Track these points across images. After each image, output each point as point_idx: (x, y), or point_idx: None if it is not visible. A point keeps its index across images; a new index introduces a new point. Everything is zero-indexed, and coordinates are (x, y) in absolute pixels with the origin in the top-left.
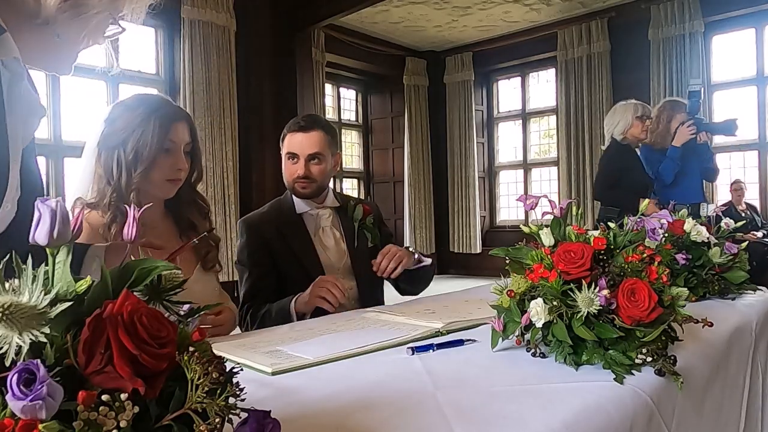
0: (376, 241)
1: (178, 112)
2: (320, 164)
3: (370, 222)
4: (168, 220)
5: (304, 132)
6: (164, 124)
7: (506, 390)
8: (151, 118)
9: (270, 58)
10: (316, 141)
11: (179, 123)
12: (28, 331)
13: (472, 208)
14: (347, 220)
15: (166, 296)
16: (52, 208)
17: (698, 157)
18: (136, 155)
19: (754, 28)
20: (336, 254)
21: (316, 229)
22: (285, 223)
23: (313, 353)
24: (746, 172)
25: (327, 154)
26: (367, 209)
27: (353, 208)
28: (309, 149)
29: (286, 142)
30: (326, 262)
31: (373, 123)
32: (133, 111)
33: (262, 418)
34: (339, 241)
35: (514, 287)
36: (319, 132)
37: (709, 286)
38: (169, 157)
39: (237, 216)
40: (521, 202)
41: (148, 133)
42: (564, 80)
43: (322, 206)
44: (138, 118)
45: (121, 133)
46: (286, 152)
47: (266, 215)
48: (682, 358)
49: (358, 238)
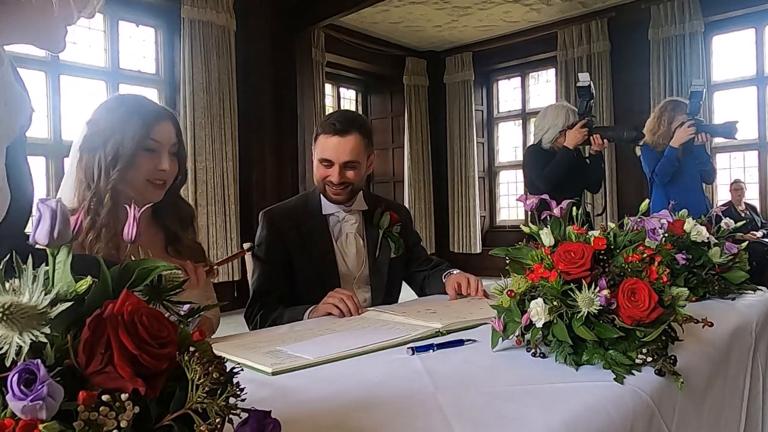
0: (399, 252)
1: (162, 111)
2: (356, 170)
3: (396, 231)
4: (153, 229)
5: (340, 136)
6: (146, 122)
7: (506, 390)
8: (132, 117)
9: (270, 58)
10: (353, 147)
11: (163, 122)
12: (28, 331)
13: (472, 208)
14: (372, 227)
15: (167, 296)
16: (52, 208)
17: (695, 158)
18: (115, 155)
19: (754, 28)
20: (355, 263)
21: (339, 234)
22: (308, 223)
23: (313, 353)
24: (746, 172)
25: (363, 158)
26: (395, 218)
27: (380, 215)
28: (345, 156)
29: (320, 146)
30: (343, 271)
31: (373, 123)
32: (113, 111)
33: (262, 418)
34: (361, 249)
35: (514, 287)
36: (356, 135)
37: (709, 286)
38: (151, 157)
39: (237, 216)
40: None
41: (128, 132)
42: (564, 80)
43: (349, 210)
44: (119, 118)
45: (102, 134)
46: (320, 158)
47: (291, 211)
48: (682, 358)
49: (381, 247)
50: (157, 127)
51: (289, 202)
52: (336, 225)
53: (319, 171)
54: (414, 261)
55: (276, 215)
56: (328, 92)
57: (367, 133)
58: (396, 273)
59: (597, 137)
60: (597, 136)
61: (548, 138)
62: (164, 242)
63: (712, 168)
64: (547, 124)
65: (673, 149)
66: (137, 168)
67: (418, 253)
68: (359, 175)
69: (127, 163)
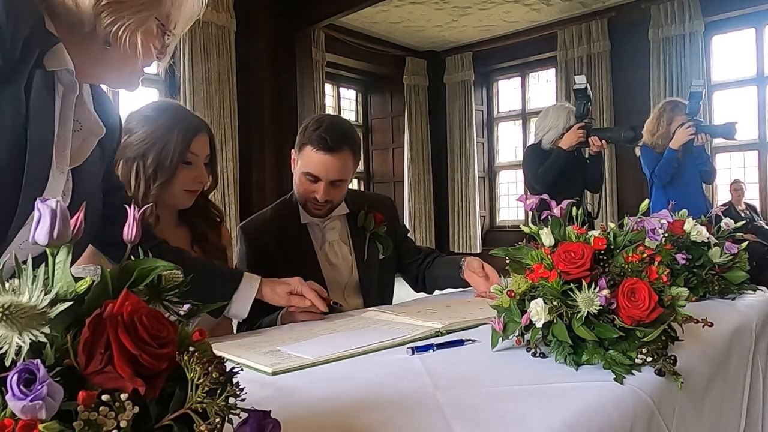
0: (387, 253)
1: (200, 124)
2: (341, 187)
3: (383, 231)
4: (181, 229)
5: (331, 154)
6: (187, 136)
7: (506, 390)
8: (174, 130)
9: (270, 58)
10: (342, 165)
11: (201, 135)
12: (28, 331)
13: (472, 208)
14: (357, 230)
15: (166, 296)
16: (52, 208)
17: (695, 158)
18: (157, 167)
19: (754, 28)
20: (343, 270)
21: (322, 242)
22: (287, 233)
23: (313, 353)
24: (746, 172)
25: (350, 174)
26: (380, 218)
27: (363, 217)
28: (333, 175)
29: (306, 158)
30: (330, 279)
31: (373, 123)
32: (154, 122)
33: (262, 418)
34: (347, 256)
35: (514, 287)
36: (347, 153)
37: (709, 286)
38: (190, 170)
39: (237, 216)
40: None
41: (170, 145)
42: (564, 80)
43: (329, 217)
44: (160, 129)
45: (142, 144)
46: (305, 171)
47: (267, 223)
48: (682, 358)
49: (369, 249)
50: (195, 140)
51: (266, 213)
52: (317, 233)
53: (302, 184)
54: (405, 254)
55: (254, 230)
56: (328, 92)
57: (357, 148)
58: (387, 273)
59: (595, 139)
60: (595, 138)
61: (548, 139)
62: (191, 241)
63: (711, 168)
64: (547, 125)
65: (672, 151)
66: (178, 180)
67: (407, 246)
68: (344, 190)
69: (170, 176)
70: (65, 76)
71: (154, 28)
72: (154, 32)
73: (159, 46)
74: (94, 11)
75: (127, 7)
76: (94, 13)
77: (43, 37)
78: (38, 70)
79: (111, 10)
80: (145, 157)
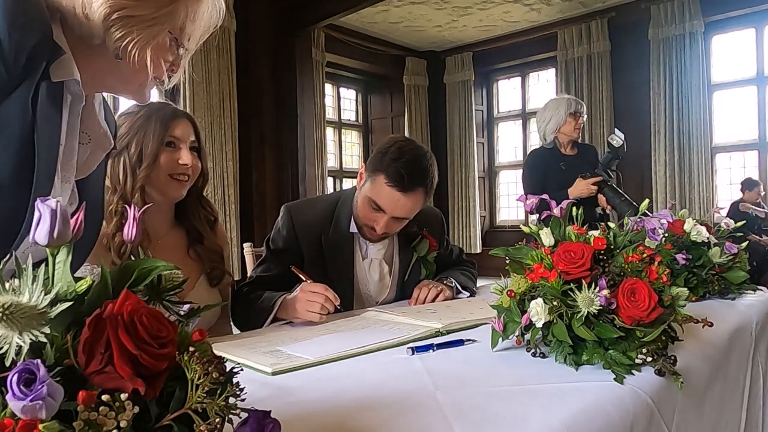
0: (429, 277)
1: (179, 112)
2: (404, 222)
3: (432, 258)
4: (177, 231)
5: (403, 194)
6: (165, 120)
7: (506, 390)
8: (153, 117)
9: (270, 58)
10: (412, 205)
11: (180, 119)
12: (28, 331)
13: (472, 208)
14: (407, 249)
15: (166, 296)
16: (52, 208)
17: None
18: (140, 154)
19: (754, 28)
20: (377, 289)
21: (364, 256)
22: (333, 235)
23: (313, 353)
24: (746, 172)
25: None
26: (434, 245)
27: (419, 239)
28: (400, 213)
29: (376, 187)
30: (363, 294)
31: (373, 123)
32: (134, 115)
33: (262, 418)
34: (384, 276)
35: (514, 287)
36: (419, 193)
37: (709, 286)
38: (173, 152)
39: (237, 216)
40: (521, 202)
41: (150, 131)
42: (564, 80)
43: None
44: (140, 119)
45: (125, 137)
46: (372, 198)
47: (318, 219)
48: (682, 358)
49: (412, 270)
50: (174, 124)
51: (318, 206)
52: (362, 246)
53: (364, 208)
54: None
55: (302, 220)
56: (328, 92)
57: (432, 186)
58: None
59: (604, 200)
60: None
61: (551, 129)
62: (187, 244)
63: None
64: (548, 116)
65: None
66: (161, 164)
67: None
68: (403, 225)
69: (151, 161)
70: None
71: (167, 41)
72: (166, 46)
73: (171, 59)
74: (105, 25)
75: (138, 21)
76: (104, 27)
77: (50, 49)
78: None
79: (121, 24)
80: (129, 147)
